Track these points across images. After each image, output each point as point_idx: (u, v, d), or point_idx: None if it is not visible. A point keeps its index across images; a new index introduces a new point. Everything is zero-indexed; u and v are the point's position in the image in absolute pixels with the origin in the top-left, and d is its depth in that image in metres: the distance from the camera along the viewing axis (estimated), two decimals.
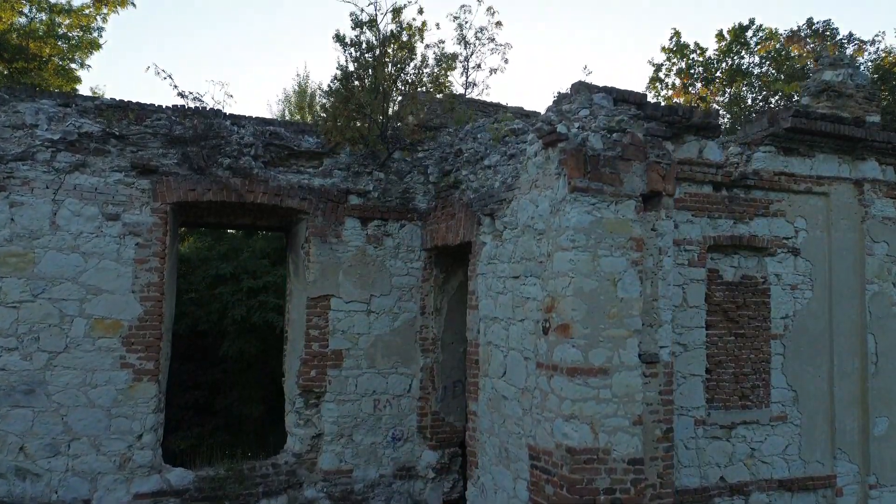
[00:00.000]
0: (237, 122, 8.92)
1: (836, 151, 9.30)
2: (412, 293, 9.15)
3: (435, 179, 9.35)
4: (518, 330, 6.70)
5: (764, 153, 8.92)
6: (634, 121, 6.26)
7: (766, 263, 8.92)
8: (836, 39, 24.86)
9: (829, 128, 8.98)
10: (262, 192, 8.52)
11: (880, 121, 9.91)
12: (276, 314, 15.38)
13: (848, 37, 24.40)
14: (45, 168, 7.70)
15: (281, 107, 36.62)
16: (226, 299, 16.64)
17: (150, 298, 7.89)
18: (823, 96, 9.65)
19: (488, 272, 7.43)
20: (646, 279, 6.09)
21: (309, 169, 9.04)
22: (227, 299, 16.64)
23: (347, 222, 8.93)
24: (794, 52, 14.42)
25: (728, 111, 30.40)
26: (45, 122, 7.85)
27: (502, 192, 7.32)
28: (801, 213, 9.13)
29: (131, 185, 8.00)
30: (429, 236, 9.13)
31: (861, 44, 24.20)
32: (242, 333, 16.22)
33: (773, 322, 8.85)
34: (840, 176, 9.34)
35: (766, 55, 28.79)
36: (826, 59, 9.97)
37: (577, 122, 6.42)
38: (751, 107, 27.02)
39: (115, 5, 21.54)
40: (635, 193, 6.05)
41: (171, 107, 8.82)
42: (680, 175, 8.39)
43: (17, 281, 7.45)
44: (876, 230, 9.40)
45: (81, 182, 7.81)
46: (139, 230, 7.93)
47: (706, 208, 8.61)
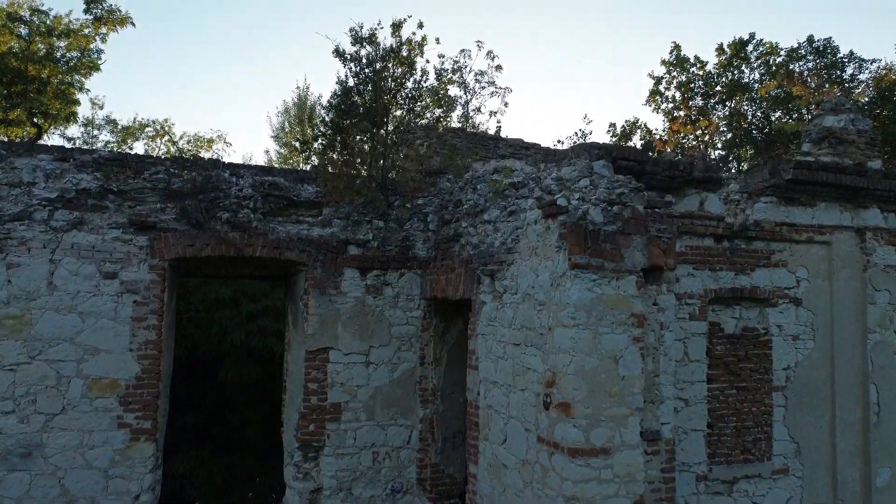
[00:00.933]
0: (236, 173, 8.88)
1: (838, 200, 9.26)
2: (411, 343, 9.10)
3: (434, 227, 9.31)
4: (519, 399, 6.65)
5: (765, 204, 8.88)
6: (635, 193, 6.21)
7: (767, 314, 8.88)
8: (836, 57, 24.85)
9: (831, 178, 8.95)
10: (261, 246, 8.47)
11: (882, 166, 9.86)
12: (276, 339, 15.33)
13: (848, 55, 24.39)
14: (43, 227, 7.65)
15: (281, 118, 36.68)
16: (225, 323, 16.61)
17: (147, 356, 7.84)
18: (825, 143, 9.60)
19: (489, 333, 7.38)
20: (647, 355, 6.04)
21: (308, 218, 8.99)
22: (226, 323, 16.61)
23: (346, 273, 8.87)
24: (796, 92, 14.36)
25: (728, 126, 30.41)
26: (42, 179, 7.80)
27: (502, 253, 7.27)
28: (802, 262, 9.09)
29: (129, 241, 7.95)
30: (428, 286, 9.08)
31: (861, 62, 24.18)
32: (241, 358, 16.19)
33: (775, 373, 8.81)
34: (842, 224, 9.30)
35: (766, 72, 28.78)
36: (827, 104, 9.92)
37: (577, 192, 6.38)
38: (751, 123, 27.00)
39: (114, 24, 21.55)
40: (636, 269, 6.00)
41: (169, 158, 8.78)
42: (681, 228, 8.36)
43: (14, 343, 7.40)
44: (878, 279, 9.35)
45: (79, 240, 7.76)
46: (137, 288, 7.88)
47: (707, 261, 8.57)
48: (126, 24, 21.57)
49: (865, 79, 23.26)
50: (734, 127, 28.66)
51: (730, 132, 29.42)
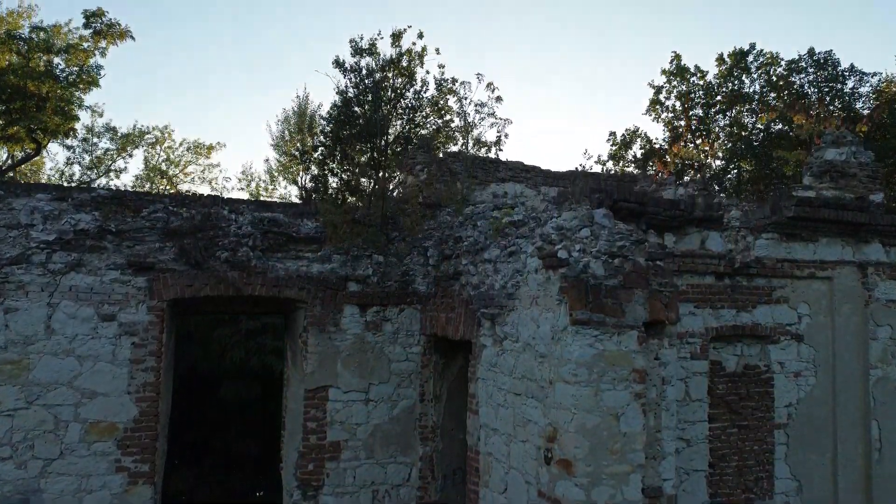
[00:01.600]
0: (235, 209, 8.84)
1: (840, 235, 9.22)
2: (411, 379, 9.06)
3: (434, 262, 9.26)
4: (519, 450, 6.61)
5: (766, 240, 8.84)
6: (636, 246, 6.17)
7: (768, 351, 8.84)
8: (837, 70, 24.80)
9: (833, 214, 8.91)
10: (260, 284, 8.43)
11: (883, 199, 9.84)
12: (275, 357, 15.30)
13: (849, 69, 24.35)
14: (41, 271, 7.61)
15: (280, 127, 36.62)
16: (224, 341, 16.58)
17: (145, 399, 7.80)
18: (826, 177, 9.57)
19: (489, 378, 7.34)
20: (649, 411, 6.00)
21: (307, 253, 8.94)
22: (225, 341, 16.58)
23: (346, 310, 8.84)
24: (797, 121, 14.32)
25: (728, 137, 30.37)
26: (40, 221, 7.76)
27: (503, 298, 7.22)
28: (803, 298, 9.05)
29: (127, 283, 7.91)
30: (428, 322, 9.04)
31: (862, 75, 24.14)
32: (241, 377, 16.17)
33: (777, 411, 8.78)
34: (843, 259, 9.26)
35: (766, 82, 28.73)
36: (829, 137, 9.89)
37: (577, 243, 6.33)
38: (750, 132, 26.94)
39: (113, 38, 21.51)
40: (637, 323, 5.96)
41: (168, 195, 8.75)
42: (682, 267, 8.34)
43: (11, 388, 7.37)
44: (879, 314, 9.31)
45: (77, 282, 7.72)
46: (135, 329, 7.84)
47: (708, 299, 8.54)
48: (125, 37, 21.54)
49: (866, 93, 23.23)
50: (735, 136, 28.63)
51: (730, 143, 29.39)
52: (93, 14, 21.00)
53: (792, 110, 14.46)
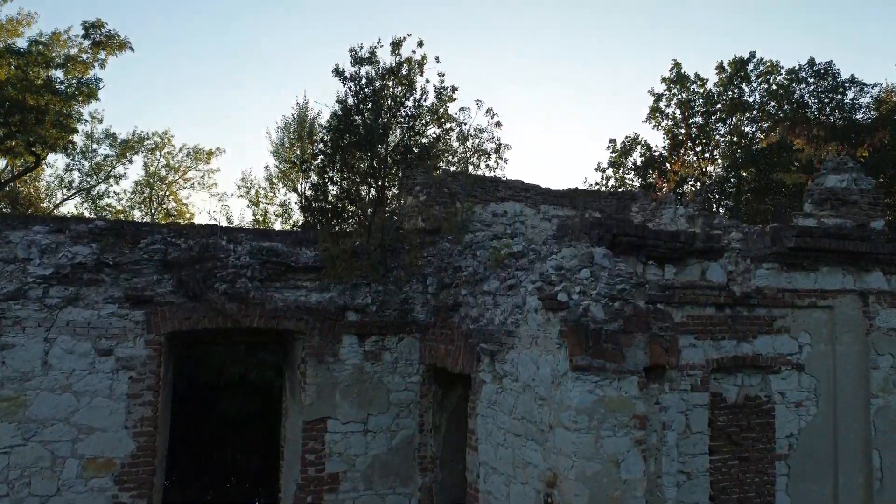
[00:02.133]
0: (233, 239, 8.79)
1: (841, 263, 9.17)
2: (410, 409, 9.02)
3: (434, 290, 9.22)
4: (519, 491, 6.56)
5: (767, 270, 8.80)
6: (636, 289, 6.13)
7: (769, 381, 8.80)
8: (837, 80, 24.76)
9: (834, 244, 8.87)
10: (258, 316, 8.39)
11: (884, 225, 9.80)
12: (274, 373, 15.25)
13: (850, 79, 24.31)
14: (38, 306, 7.57)
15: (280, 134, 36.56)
16: (223, 356, 16.53)
17: (143, 434, 7.76)
18: (827, 205, 9.54)
19: (489, 416, 7.30)
20: (650, 457, 5.96)
21: (306, 283, 8.90)
22: (224, 356, 16.53)
23: (345, 340, 8.79)
24: (797, 145, 14.28)
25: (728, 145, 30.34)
26: (37, 255, 7.72)
27: (502, 334, 7.18)
28: (804, 327, 9.01)
29: (125, 316, 7.87)
30: (428, 352, 9.00)
31: (863, 86, 24.10)
32: (240, 392, 16.13)
33: (778, 442, 8.74)
34: (844, 288, 9.22)
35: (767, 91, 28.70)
36: (830, 163, 9.86)
37: (577, 285, 6.30)
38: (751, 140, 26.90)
39: (113, 49, 21.47)
40: (638, 368, 5.92)
41: (166, 225, 8.71)
42: (682, 299, 8.31)
43: (8, 426, 7.33)
44: (881, 343, 9.27)
45: (74, 317, 7.68)
46: (132, 364, 7.80)
47: (709, 330, 8.49)
48: (125, 48, 21.51)
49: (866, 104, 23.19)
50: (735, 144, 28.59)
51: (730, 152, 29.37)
52: (92, 25, 21.00)
53: (792, 133, 14.39)
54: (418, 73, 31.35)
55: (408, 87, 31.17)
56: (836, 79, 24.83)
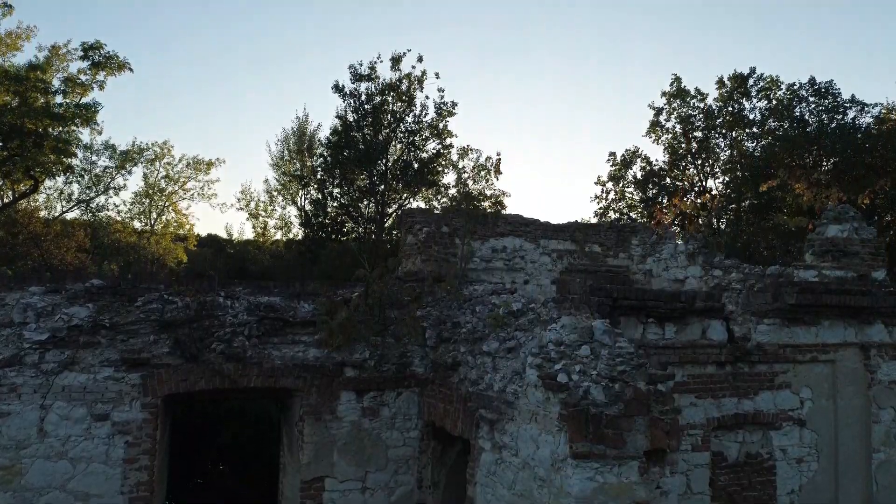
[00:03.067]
0: (231, 295, 8.74)
1: (842, 316, 9.12)
2: (409, 465, 8.95)
3: (433, 344, 9.14)
4: None
5: (768, 326, 8.75)
6: (637, 370, 6.07)
7: (770, 437, 8.74)
8: (837, 100, 24.68)
9: (835, 300, 8.83)
10: (255, 375, 8.33)
11: (886, 275, 9.75)
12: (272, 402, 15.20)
13: (850, 99, 24.23)
14: (34, 371, 7.51)
15: (280, 147, 36.59)
16: None
17: (139, 499, 7.70)
18: (828, 257, 9.48)
19: (488, 485, 7.23)
20: None
21: (304, 337, 8.84)
22: None
23: (343, 396, 8.72)
24: (798, 191, 14.22)
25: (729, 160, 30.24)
26: (33, 318, 7.66)
27: (502, 403, 7.12)
28: (806, 381, 8.96)
29: (121, 380, 7.80)
30: (426, 408, 8.93)
31: (864, 106, 24.03)
32: (240, 422, 16.08)
33: (779, 499, 8.69)
34: (846, 341, 9.17)
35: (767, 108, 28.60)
36: (831, 213, 9.80)
37: (577, 363, 6.24)
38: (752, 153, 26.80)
39: (112, 70, 21.38)
40: (638, 453, 5.85)
41: (163, 282, 8.64)
42: (683, 358, 8.26)
43: (3, 495, 7.26)
44: (882, 396, 9.22)
45: (70, 381, 7.61)
46: (129, 428, 7.73)
47: (710, 388, 8.44)
48: (124, 69, 21.43)
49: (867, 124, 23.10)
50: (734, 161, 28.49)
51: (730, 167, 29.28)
52: (91, 47, 20.93)
53: (793, 178, 14.34)
54: (418, 89, 31.13)
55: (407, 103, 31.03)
56: (837, 98, 24.77)
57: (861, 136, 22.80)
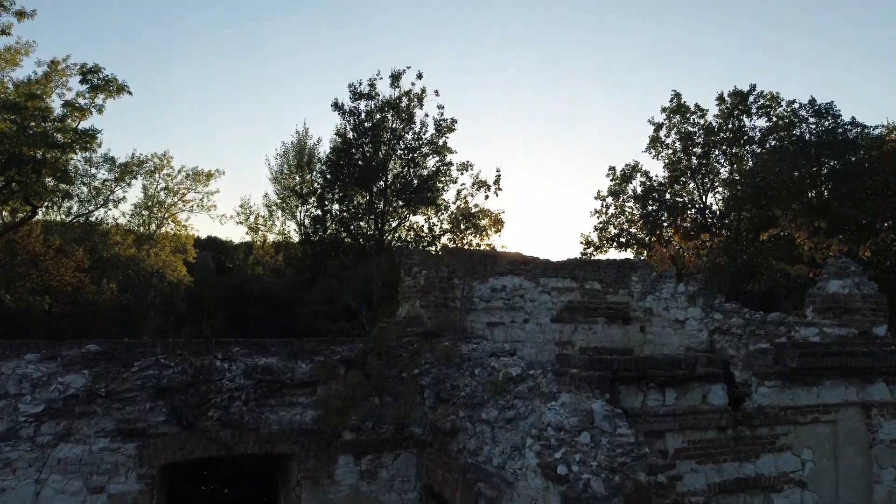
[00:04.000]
0: (228, 357, 8.68)
1: (843, 376, 9.05)
2: None
3: (431, 404, 9.09)
4: None
5: (769, 388, 8.67)
6: (637, 461, 6.02)
7: (772, 500, 8.66)
8: (837, 120, 24.62)
9: (837, 361, 8.77)
10: (252, 441, 8.28)
11: (887, 331, 9.69)
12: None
13: (851, 121, 24.17)
14: (29, 445, 7.45)
15: (280, 160, 36.52)
16: None
17: None
18: (829, 314, 9.42)
19: None
20: None
21: (301, 398, 8.79)
22: None
23: (340, 460, 8.67)
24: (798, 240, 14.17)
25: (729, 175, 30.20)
26: (28, 390, 7.60)
27: (502, 483, 7.07)
28: (807, 443, 8.88)
29: (117, 450, 7.75)
30: (425, 471, 8.88)
31: (864, 128, 23.97)
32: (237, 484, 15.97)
33: None
34: (847, 400, 9.09)
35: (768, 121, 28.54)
36: (832, 268, 9.73)
37: (577, 452, 6.18)
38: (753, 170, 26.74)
39: (111, 93, 21.32)
40: None
41: (159, 345, 8.58)
42: (683, 424, 8.18)
43: None
44: (884, 456, 9.15)
45: (66, 454, 7.56)
46: (124, 500, 7.69)
47: (710, 454, 8.35)
48: (123, 92, 21.38)
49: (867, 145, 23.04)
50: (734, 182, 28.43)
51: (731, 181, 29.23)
52: (90, 70, 20.88)
53: (794, 226, 14.29)
54: (418, 106, 31.00)
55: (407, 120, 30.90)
56: (837, 119, 24.71)
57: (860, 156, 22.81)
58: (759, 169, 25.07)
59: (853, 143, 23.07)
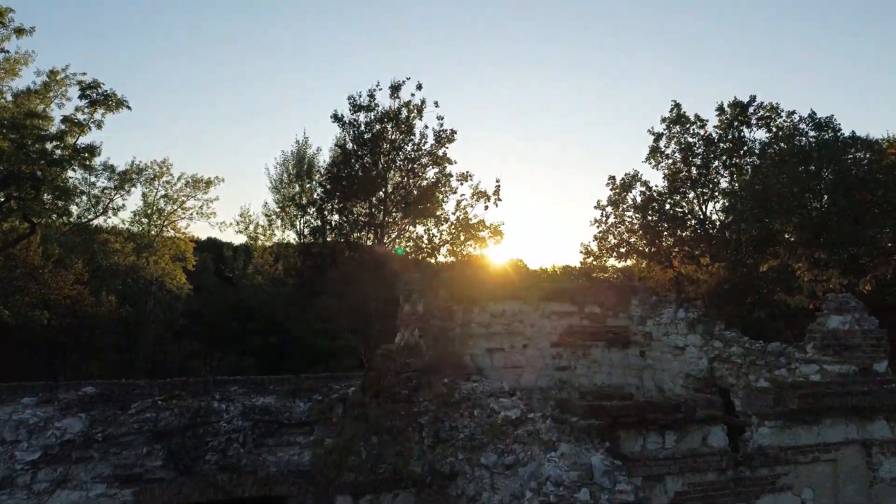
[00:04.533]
0: (226, 397, 8.65)
1: (844, 415, 9.02)
2: None
3: (430, 443, 9.04)
4: None
5: (770, 429, 8.64)
6: None
7: None
8: (837, 133, 24.58)
9: (837, 402, 8.73)
10: (250, 485, 8.24)
11: (888, 367, 9.64)
12: None
13: (851, 137, 24.13)
14: (26, 493, 7.43)
15: (279, 170, 36.46)
16: None
17: None
18: (830, 351, 9.38)
19: None
20: None
21: (299, 437, 8.78)
22: None
23: (339, 500, 8.57)
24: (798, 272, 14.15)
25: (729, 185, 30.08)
26: (25, 436, 7.57)
27: None
28: (808, 482, 8.84)
29: (114, 496, 7.72)
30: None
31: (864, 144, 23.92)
32: None
33: None
34: (848, 439, 9.06)
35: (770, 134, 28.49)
36: (832, 304, 9.68)
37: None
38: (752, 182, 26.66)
39: (110, 109, 21.29)
40: None
41: (157, 386, 8.54)
42: (684, 467, 8.15)
43: None
44: (885, 494, 9.10)
45: (63, 501, 7.53)
46: None
47: (711, 496, 8.31)
48: (122, 106, 21.35)
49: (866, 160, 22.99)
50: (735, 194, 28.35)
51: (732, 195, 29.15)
52: (89, 86, 20.84)
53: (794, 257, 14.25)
54: (417, 118, 30.95)
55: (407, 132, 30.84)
56: (837, 132, 24.62)
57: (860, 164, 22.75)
58: (758, 181, 24.99)
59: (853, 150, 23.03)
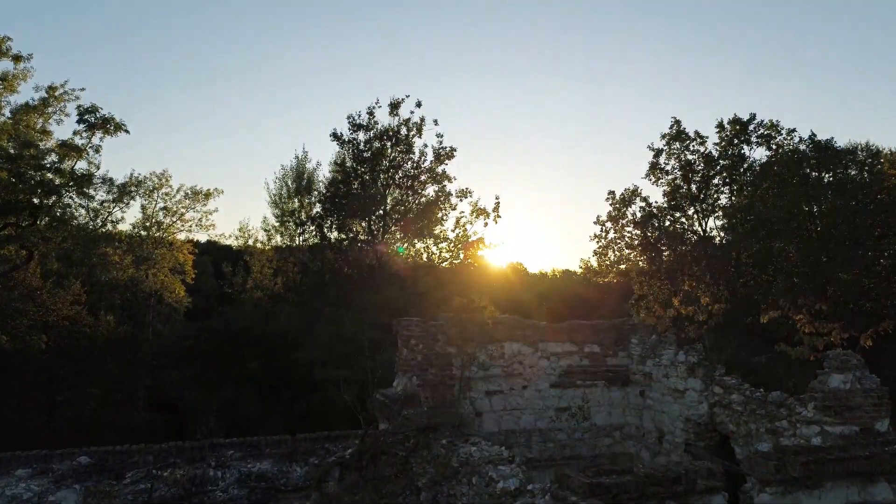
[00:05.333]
0: (221, 463, 8.58)
1: (846, 477, 8.96)
2: None
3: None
4: None
5: (771, 495, 8.58)
6: None
7: None
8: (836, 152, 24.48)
9: (839, 468, 8.67)
10: None
11: (889, 426, 9.58)
12: None
13: (851, 157, 24.03)
14: None
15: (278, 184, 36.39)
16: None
17: None
18: (831, 412, 9.30)
19: None
20: None
21: (295, 503, 8.67)
22: None
23: None
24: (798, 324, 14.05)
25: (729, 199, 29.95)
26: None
27: None
28: None
29: None
30: None
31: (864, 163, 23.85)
32: None
33: None
34: (849, 501, 8.99)
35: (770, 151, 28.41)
36: (833, 362, 9.60)
37: None
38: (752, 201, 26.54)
39: (108, 132, 21.25)
40: None
41: (151, 453, 8.47)
42: None
43: None
44: None
45: None
46: None
47: None
48: (120, 130, 21.30)
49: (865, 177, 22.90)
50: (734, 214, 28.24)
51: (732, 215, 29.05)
52: (87, 110, 20.81)
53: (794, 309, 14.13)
54: (416, 136, 30.90)
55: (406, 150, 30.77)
56: (836, 152, 24.52)
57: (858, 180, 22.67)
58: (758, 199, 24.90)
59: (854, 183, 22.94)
